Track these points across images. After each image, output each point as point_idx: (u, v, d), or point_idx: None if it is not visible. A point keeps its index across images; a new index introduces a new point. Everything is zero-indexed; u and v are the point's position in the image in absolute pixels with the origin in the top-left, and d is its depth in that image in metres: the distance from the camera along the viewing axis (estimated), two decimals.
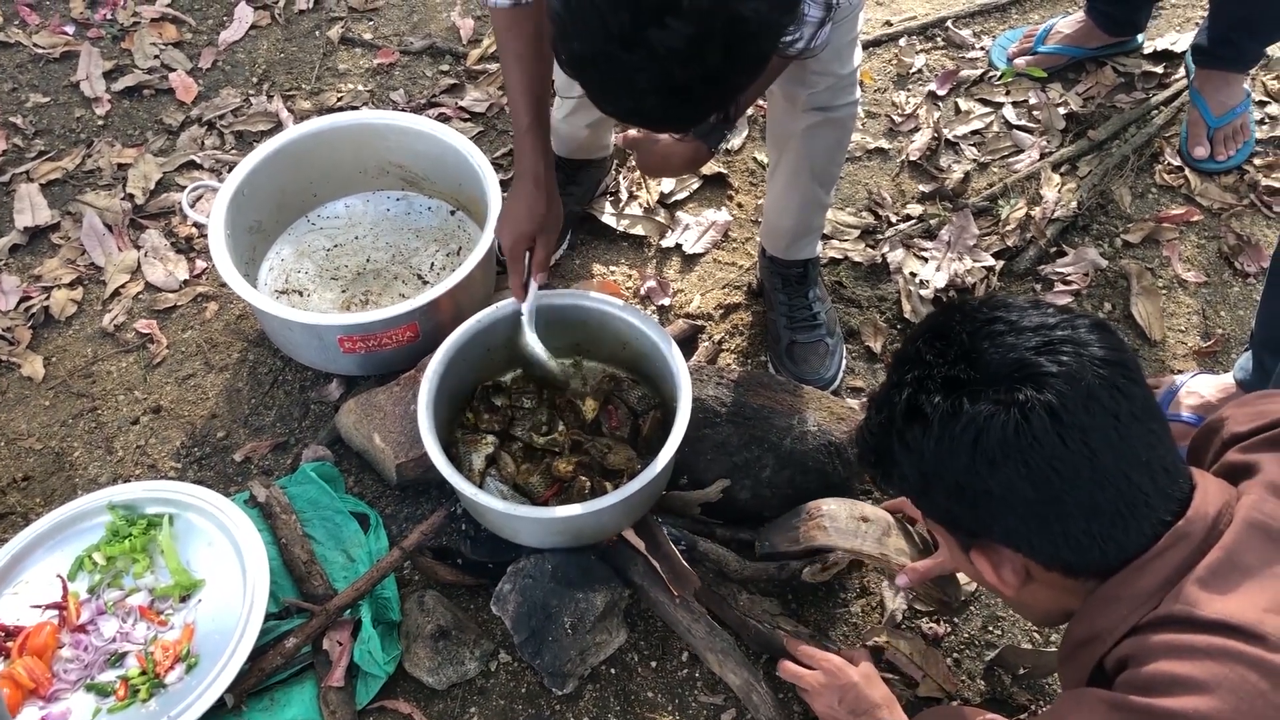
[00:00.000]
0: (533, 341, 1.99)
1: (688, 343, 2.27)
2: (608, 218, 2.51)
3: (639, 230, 2.51)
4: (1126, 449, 1.10)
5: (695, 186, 2.60)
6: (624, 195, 2.56)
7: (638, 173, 2.59)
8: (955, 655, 1.92)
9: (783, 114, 2.04)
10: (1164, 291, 2.40)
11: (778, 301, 2.27)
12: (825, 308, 2.27)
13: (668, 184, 2.59)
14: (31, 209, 2.56)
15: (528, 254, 1.94)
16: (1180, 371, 2.22)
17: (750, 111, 2.72)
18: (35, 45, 2.91)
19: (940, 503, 1.20)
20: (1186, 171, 2.59)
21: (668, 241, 2.50)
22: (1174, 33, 2.85)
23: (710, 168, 2.62)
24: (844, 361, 2.26)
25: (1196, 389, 2.11)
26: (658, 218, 2.53)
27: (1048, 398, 1.09)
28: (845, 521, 1.81)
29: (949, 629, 1.94)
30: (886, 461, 1.22)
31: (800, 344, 2.23)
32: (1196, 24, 2.84)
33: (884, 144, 2.68)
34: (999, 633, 1.94)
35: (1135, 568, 1.12)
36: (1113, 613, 1.13)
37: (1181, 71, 2.75)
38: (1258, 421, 1.25)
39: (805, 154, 2.07)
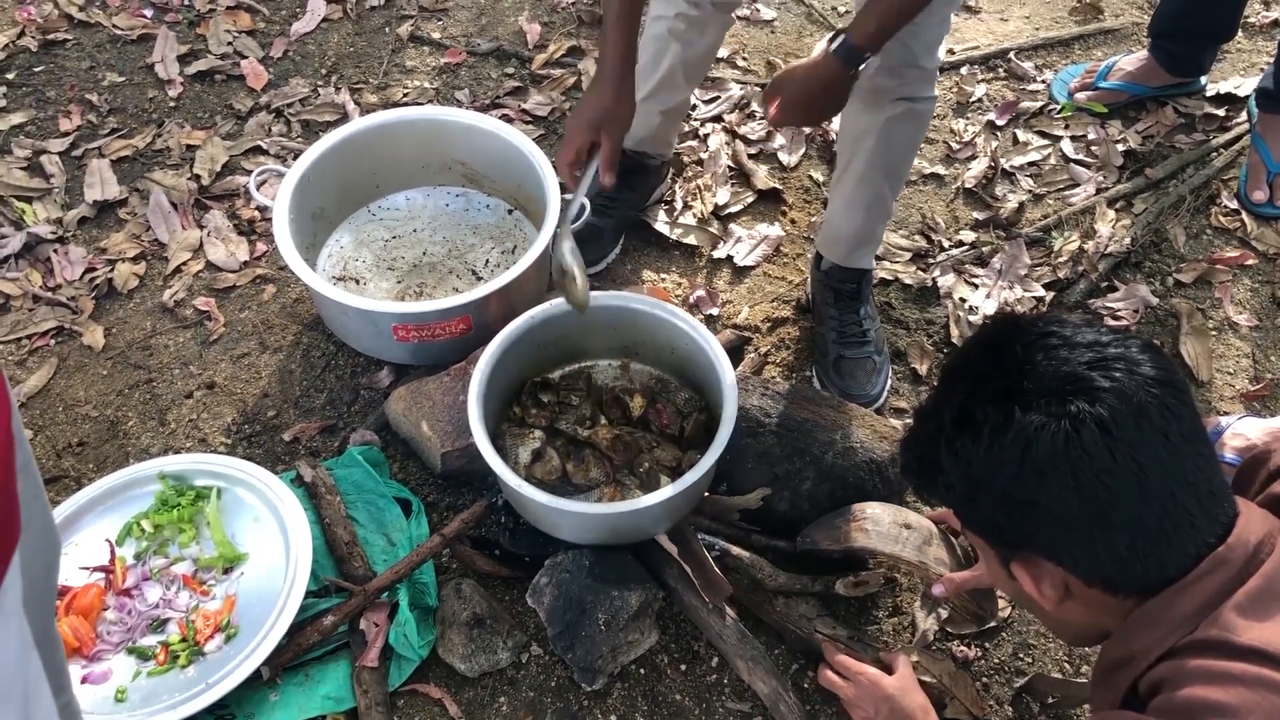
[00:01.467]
0: (567, 248, 1.93)
1: (734, 353, 2.29)
2: (661, 225, 2.54)
3: (692, 240, 2.53)
4: (1174, 468, 1.11)
5: (750, 200, 2.62)
6: (679, 204, 2.59)
7: (694, 182, 2.62)
8: (984, 680, 1.92)
9: (865, 108, 2.06)
10: (1214, 333, 2.39)
11: (828, 315, 2.28)
12: (875, 325, 2.28)
13: (722, 195, 2.61)
14: (101, 183, 2.63)
15: (590, 149, 1.92)
16: (1227, 413, 2.21)
17: (808, 130, 2.75)
18: (115, 26, 2.98)
19: (985, 513, 1.21)
20: (1243, 215, 2.59)
21: (719, 252, 2.52)
22: (1238, 76, 2.85)
23: (765, 182, 2.64)
24: (890, 380, 2.27)
25: (1243, 431, 2.10)
26: (711, 228, 2.55)
27: (1099, 411, 1.09)
28: (888, 526, 1.83)
29: (979, 653, 1.94)
30: (931, 470, 1.23)
31: (848, 359, 2.24)
32: (1262, 69, 2.84)
33: (940, 170, 2.69)
34: (1029, 660, 1.94)
35: (1176, 590, 1.12)
36: (1149, 634, 1.14)
37: (1243, 115, 2.75)
38: None
39: (883, 149, 2.08)
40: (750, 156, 2.71)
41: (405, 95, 2.84)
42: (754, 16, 3.03)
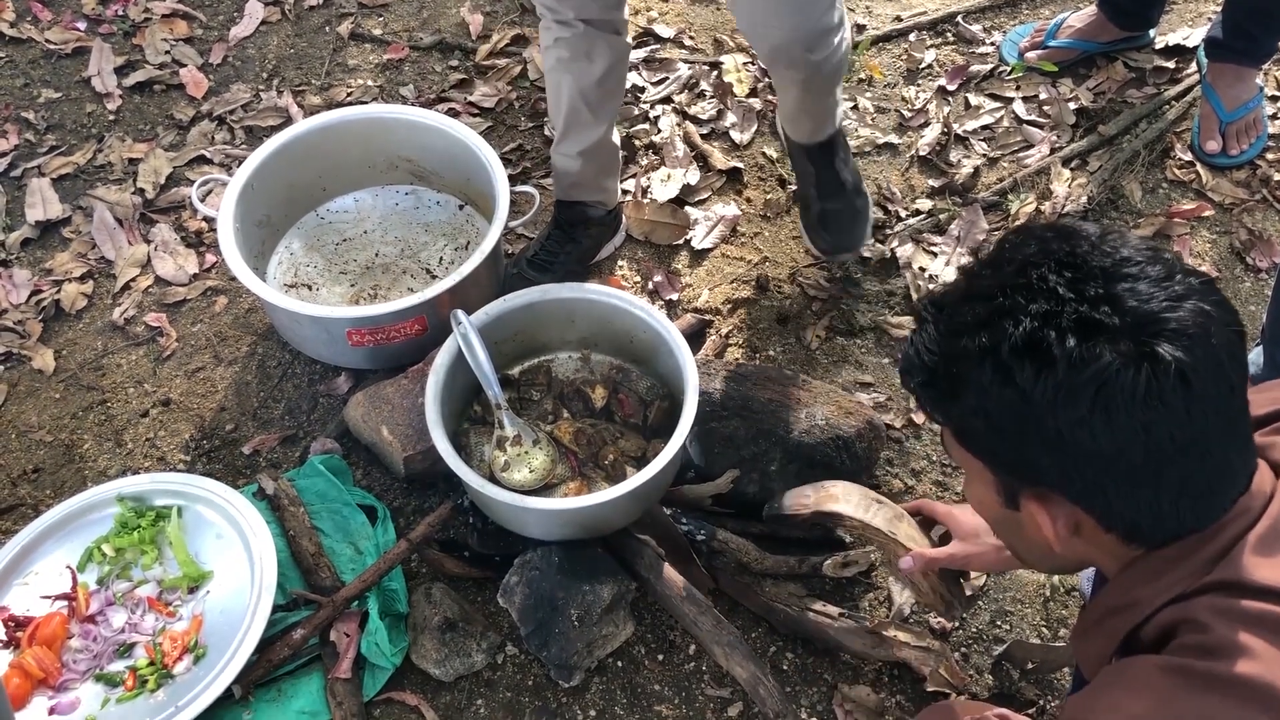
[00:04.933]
0: (507, 419, 1.95)
1: (695, 337, 2.27)
2: (627, 224, 2.50)
3: (659, 238, 2.49)
4: (1233, 423, 1.05)
5: (719, 185, 2.58)
6: (640, 196, 2.55)
7: (652, 173, 2.58)
8: (963, 650, 1.91)
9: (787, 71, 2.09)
10: None
11: (805, 172, 2.31)
12: (850, 171, 2.31)
13: (692, 176, 2.59)
14: (43, 203, 2.57)
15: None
16: None
17: (758, 105, 2.72)
18: (47, 41, 2.92)
19: (1011, 445, 1.09)
20: (1198, 166, 2.58)
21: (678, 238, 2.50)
22: (1186, 28, 2.84)
23: (724, 162, 2.61)
24: (871, 222, 2.37)
25: None
26: (675, 220, 2.50)
27: (1182, 358, 0.99)
28: (859, 498, 1.78)
29: (957, 624, 1.94)
30: (955, 386, 1.10)
31: (830, 211, 2.30)
32: (1209, 19, 2.83)
33: (893, 139, 2.67)
34: (1007, 627, 1.94)
35: (1198, 538, 1.07)
36: (1160, 581, 1.09)
37: (1193, 67, 2.74)
38: (1276, 405, 1.22)
39: (815, 83, 2.11)
40: (702, 137, 2.68)
41: (349, 95, 2.79)
42: None
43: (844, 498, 1.79)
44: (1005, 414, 1.07)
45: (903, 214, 2.52)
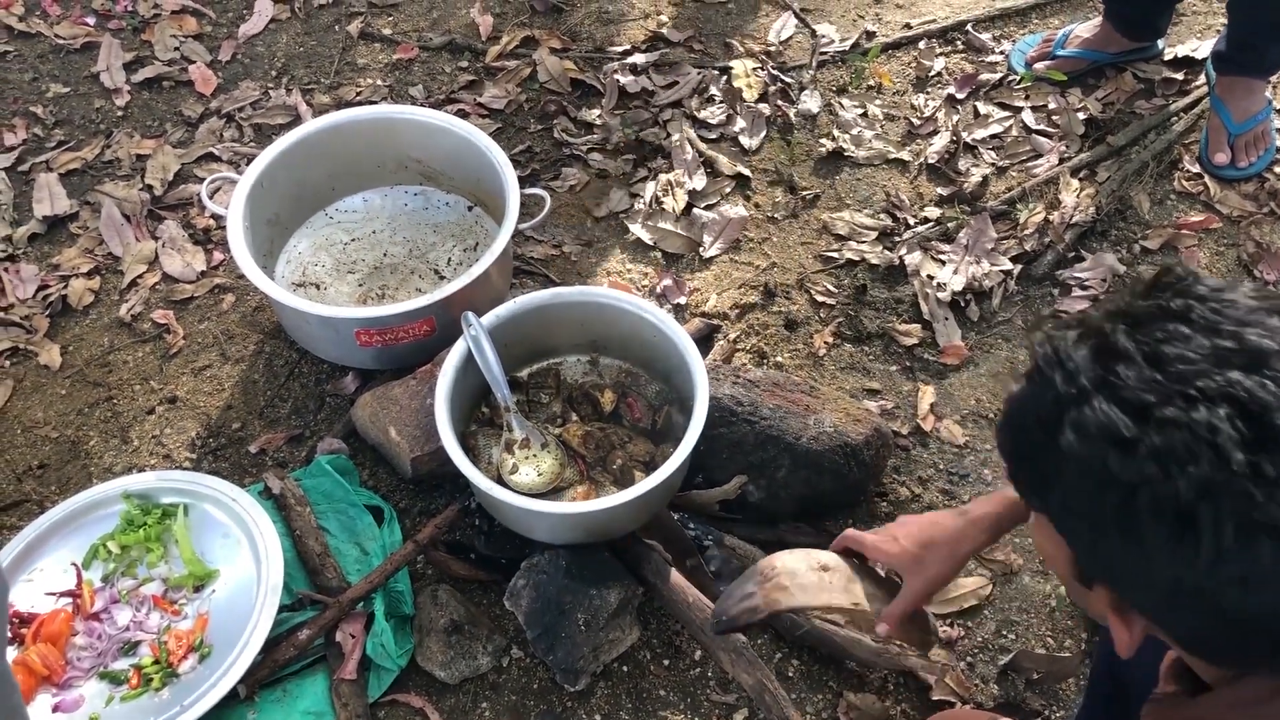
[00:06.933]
0: (516, 423, 1.94)
1: (704, 341, 2.27)
2: (638, 230, 2.50)
3: (669, 247, 2.49)
4: None
5: (727, 190, 2.58)
6: (651, 203, 2.54)
7: (664, 177, 2.58)
8: (969, 659, 1.91)
9: None
10: None
11: None
12: None
13: (698, 181, 2.58)
14: (50, 198, 2.57)
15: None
16: None
17: (767, 111, 2.72)
18: (56, 36, 2.91)
19: (1110, 561, 0.96)
20: (1206, 178, 2.58)
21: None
22: (1195, 39, 2.84)
23: (731, 168, 2.61)
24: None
25: None
26: (688, 234, 2.50)
27: None
28: (806, 574, 1.55)
29: (963, 632, 1.94)
30: (1055, 483, 0.95)
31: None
32: (1218, 31, 2.83)
33: (903, 146, 2.67)
34: (1013, 637, 1.94)
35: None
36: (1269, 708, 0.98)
37: (1202, 78, 2.74)
38: None
39: None
40: (711, 142, 2.68)
41: (358, 94, 2.79)
42: None
43: (792, 583, 1.55)
44: (1114, 542, 0.92)
45: (911, 221, 2.52)
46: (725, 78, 2.80)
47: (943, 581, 1.53)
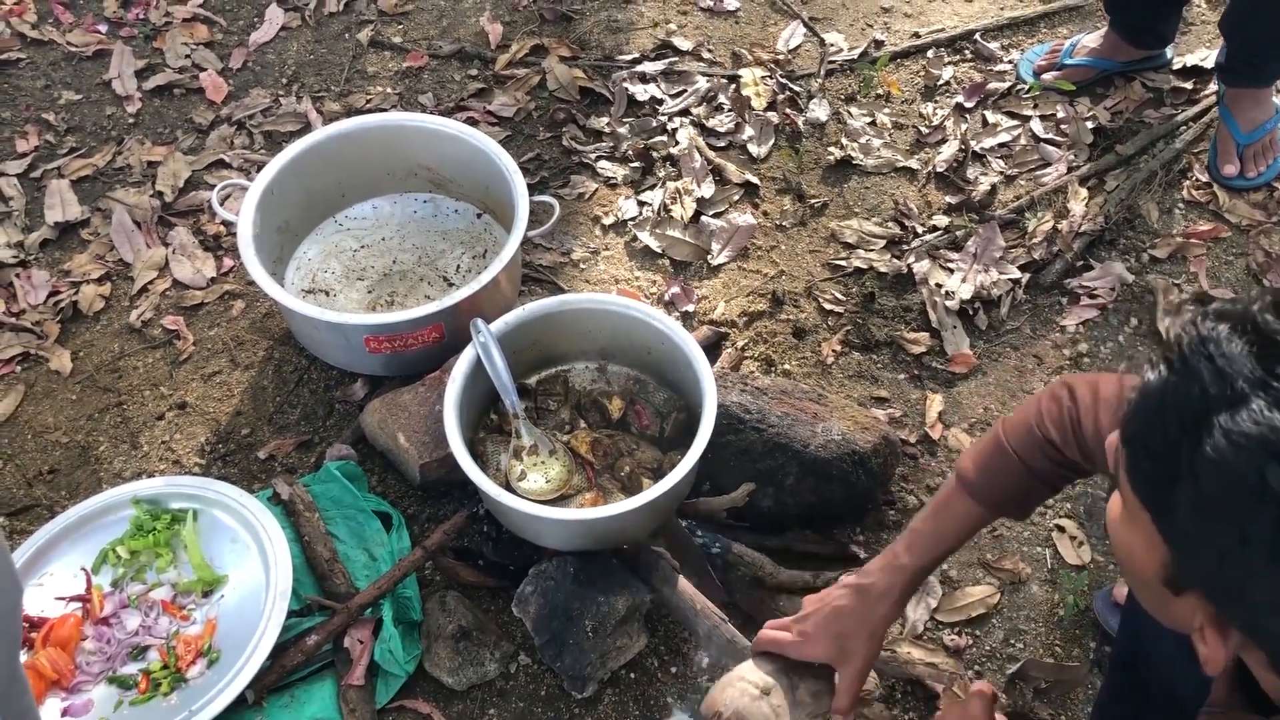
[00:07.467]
0: (524, 429, 1.94)
1: (711, 349, 2.27)
2: (647, 238, 2.51)
3: (677, 254, 2.49)
4: None
5: (736, 198, 2.59)
6: (659, 211, 2.55)
7: (671, 185, 2.58)
8: (977, 668, 1.91)
9: None
10: None
11: None
12: None
13: (706, 189, 2.59)
14: (62, 204, 2.58)
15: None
16: None
17: (775, 119, 2.73)
18: (69, 43, 2.93)
19: (1220, 579, 0.89)
20: (1215, 188, 2.58)
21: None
22: (1204, 49, 2.84)
23: (739, 175, 2.62)
24: None
25: None
26: (696, 241, 2.51)
27: None
28: (756, 713, 1.46)
29: (970, 641, 1.94)
30: (1180, 484, 0.86)
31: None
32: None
33: (911, 155, 2.68)
34: (1021, 646, 1.93)
35: None
36: None
37: (1211, 87, 2.74)
38: None
39: None
40: (720, 150, 2.69)
41: (368, 101, 2.80)
42: (717, 7, 3.01)
43: (738, 714, 1.47)
44: (1255, 562, 0.83)
45: (920, 230, 2.52)
46: (734, 86, 2.81)
47: (872, 660, 1.47)
